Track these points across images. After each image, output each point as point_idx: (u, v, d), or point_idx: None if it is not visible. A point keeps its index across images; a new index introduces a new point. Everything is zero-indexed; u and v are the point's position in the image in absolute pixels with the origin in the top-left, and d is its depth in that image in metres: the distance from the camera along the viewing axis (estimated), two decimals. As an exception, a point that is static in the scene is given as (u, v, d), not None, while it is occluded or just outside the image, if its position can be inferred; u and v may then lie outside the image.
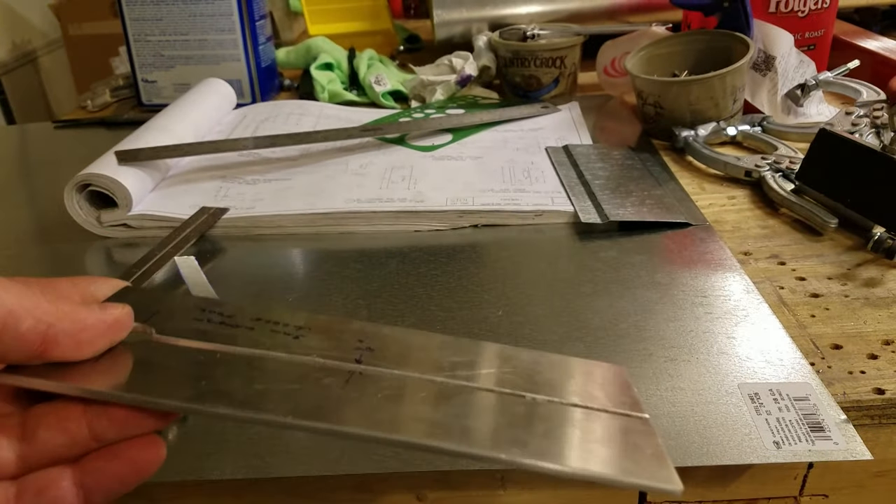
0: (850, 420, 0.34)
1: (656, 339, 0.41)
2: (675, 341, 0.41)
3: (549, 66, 0.83)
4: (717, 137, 0.68)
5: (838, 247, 0.51)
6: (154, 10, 0.84)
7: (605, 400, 0.24)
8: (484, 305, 0.45)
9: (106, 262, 0.55)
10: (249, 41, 0.85)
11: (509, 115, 0.77)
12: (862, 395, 0.36)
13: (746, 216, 0.56)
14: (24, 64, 1.93)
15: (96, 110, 0.93)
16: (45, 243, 0.58)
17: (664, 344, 0.41)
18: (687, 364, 0.39)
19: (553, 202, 0.57)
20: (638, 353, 0.40)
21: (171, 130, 0.66)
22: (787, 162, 0.59)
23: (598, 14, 0.95)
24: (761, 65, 0.71)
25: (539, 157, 0.66)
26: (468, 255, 0.52)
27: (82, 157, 0.61)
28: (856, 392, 0.37)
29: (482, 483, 0.35)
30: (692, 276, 0.47)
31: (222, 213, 0.57)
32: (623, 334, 0.42)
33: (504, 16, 0.95)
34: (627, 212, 0.55)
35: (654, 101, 0.69)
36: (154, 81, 0.88)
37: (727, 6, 0.70)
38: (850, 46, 0.87)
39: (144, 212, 0.57)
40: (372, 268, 0.51)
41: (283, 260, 0.53)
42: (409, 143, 0.71)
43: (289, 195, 0.60)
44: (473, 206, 0.57)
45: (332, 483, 0.35)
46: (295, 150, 0.69)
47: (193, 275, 0.48)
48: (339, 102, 0.87)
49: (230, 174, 0.65)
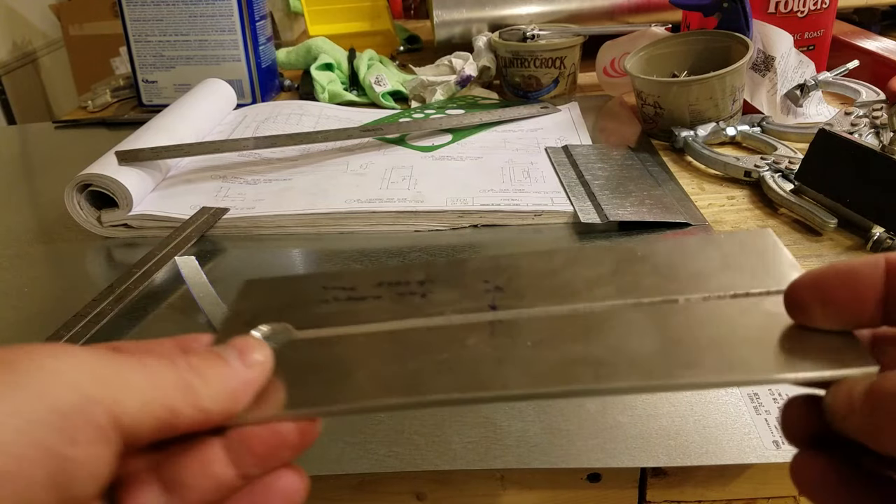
0: (849, 420, 0.34)
1: (656, 339, 0.41)
2: (675, 341, 0.41)
3: (549, 66, 0.83)
4: (716, 138, 0.68)
5: (838, 247, 0.51)
6: (154, 10, 0.84)
7: (759, 279, 0.21)
8: (484, 305, 0.45)
9: (106, 262, 0.55)
10: (250, 41, 0.85)
11: (509, 116, 0.77)
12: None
13: (746, 216, 0.56)
14: (24, 64, 1.93)
15: (97, 110, 0.93)
16: (45, 243, 0.58)
17: (664, 344, 0.41)
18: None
19: (553, 202, 0.57)
20: (637, 352, 0.40)
21: (172, 131, 0.66)
22: (787, 162, 0.59)
23: (598, 14, 0.95)
24: (761, 65, 0.71)
25: (539, 158, 0.66)
26: (468, 255, 0.52)
27: (82, 157, 0.61)
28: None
29: (482, 483, 0.35)
30: (692, 276, 0.47)
31: (222, 213, 0.57)
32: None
33: (504, 16, 0.95)
34: (627, 212, 0.55)
35: (653, 102, 0.69)
36: (154, 82, 0.88)
37: (727, 6, 0.70)
38: (849, 47, 0.87)
39: (145, 212, 0.57)
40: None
41: (284, 260, 0.53)
42: (409, 144, 0.71)
43: (289, 195, 0.60)
44: (473, 206, 0.57)
45: (332, 483, 0.35)
46: (295, 151, 0.69)
47: (194, 275, 0.48)
48: (339, 103, 0.87)
49: (230, 174, 0.65)
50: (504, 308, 0.22)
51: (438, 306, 0.23)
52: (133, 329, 0.45)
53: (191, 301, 0.46)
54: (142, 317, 0.47)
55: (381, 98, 0.85)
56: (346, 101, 0.87)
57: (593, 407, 0.36)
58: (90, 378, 0.18)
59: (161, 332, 0.45)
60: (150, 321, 0.46)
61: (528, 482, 0.35)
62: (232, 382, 0.21)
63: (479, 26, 0.96)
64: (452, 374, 0.20)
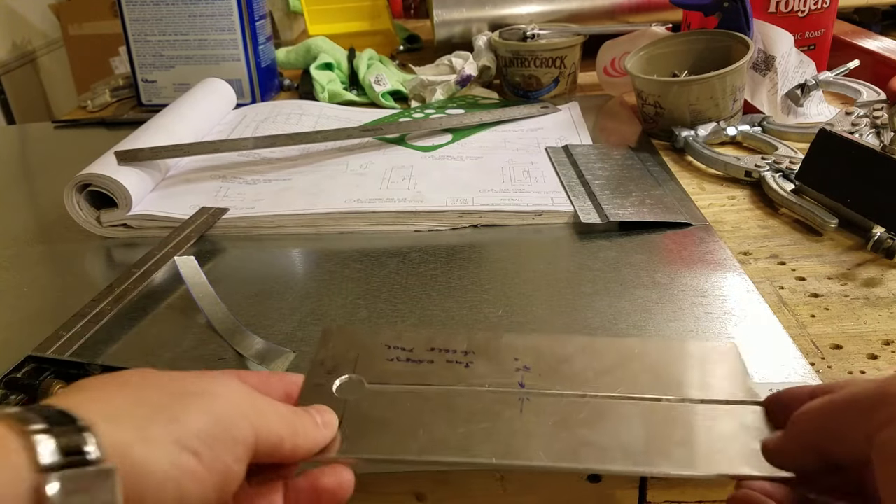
0: (850, 420, 0.34)
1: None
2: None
3: (549, 66, 0.83)
4: (717, 137, 0.68)
5: (838, 247, 0.51)
6: (154, 10, 0.84)
7: (724, 389, 0.28)
8: (484, 305, 0.45)
9: (106, 262, 0.55)
10: (249, 41, 0.85)
11: (509, 115, 0.77)
12: (862, 395, 0.36)
13: (746, 216, 0.56)
14: (24, 64, 1.93)
15: (96, 110, 0.93)
16: (45, 243, 0.58)
17: (664, 344, 0.41)
18: (687, 364, 0.39)
19: (553, 202, 0.57)
20: (638, 353, 0.40)
21: (171, 130, 0.66)
22: (787, 162, 0.59)
23: (598, 14, 0.95)
24: (761, 65, 0.71)
25: (539, 157, 0.66)
26: (468, 255, 0.52)
27: (82, 157, 0.61)
28: (856, 392, 0.37)
29: (482, 483, 0.35)
30: (692, 276, 0.47)
31: (222, 213, 0.57)
32: (623, 334, 0.42)
33: (504, 16, 0.95)
34: (627, 212, 0.55)
35: (654, 101, 0.69)
36: (154, 81, 0.88)
37: (727, 6, 0.70)
38: (849, 46, 0.87)
39: (144, 212, 0.57)
40: (372, 268, 0.51)
41: (283, 260, 0.53)
42: (409, 144, 0.71)
43: (289, 195, 0.60)
44: (473, 206, 0.57)
45: (332, 483, 0.35)
46: (295, 150, 0.69)
47: (193, 275, 0.48)
48: (339, 102, 0.87)
49: (230, 174, 0.65)
50: (530, 387, 0.29)
51: (479, 377, 0.29)
52: (133, 329, 0.45)
53: (190, 301, 0.46)
54: (141, 317, 0.46)
55: (380, 98, 0.85)
56: (346, 101, 0.87)
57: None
58: (248, 403, 0.25)
59: (161, 332, 0.45)
60: (149, 321, 0.46)
61: (527, 482, 0.35)
62: (316, 435, 0.27)
63: (479, 26, 0.96)
64: (492, 443, 0.26)
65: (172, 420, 0.22)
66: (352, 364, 0.29)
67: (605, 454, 0.26)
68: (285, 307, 0.47)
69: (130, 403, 0.23)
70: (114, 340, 0.44)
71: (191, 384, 0.25)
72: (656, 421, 0.27)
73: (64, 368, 0.38)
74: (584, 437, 0.26)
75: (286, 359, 0.41)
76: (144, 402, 0.23)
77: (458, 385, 0.29)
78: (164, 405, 0.23)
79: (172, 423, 0.22)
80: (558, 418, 0.27)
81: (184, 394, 0.24)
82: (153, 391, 0.24)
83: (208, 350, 0.43)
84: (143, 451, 0.21)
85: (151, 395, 0.23)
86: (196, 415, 0.23)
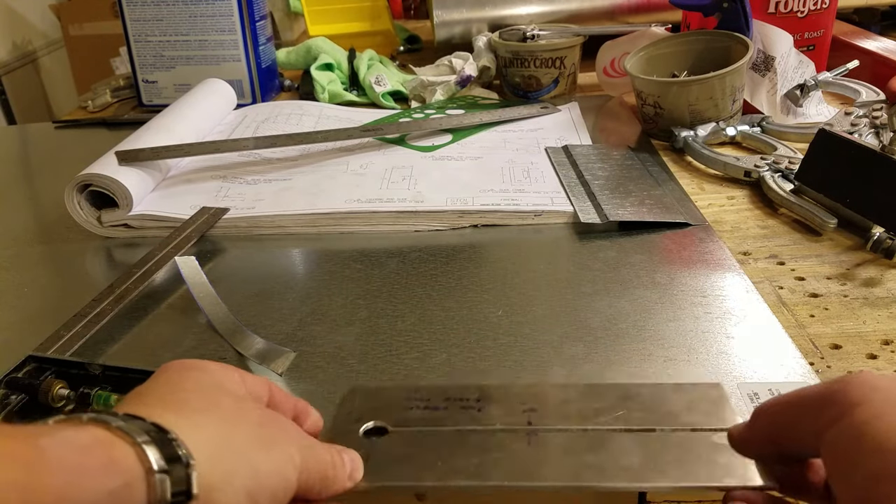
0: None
1: (656, 339, 0.41)
2: (675, 341, 0.41)
3: (549, 66, 0.83)
4: (716, 138, 0.68)
5: (837, 247, 0.51)
6: (154, 10, 0.84)
7: (712, 419, 0.31)
8: (484, 305, 0.45)
9: (106, 262, 0.55)
10: (250, 42, 0.85)
11: (509, 116, 0.77)
12: (861, 394, 0.36)
13: (746, 216, 0.56)
14: (24, 64, 1.93)
15: (97, 110, 0.93)
16: (45, 243, 0.58)
17: (663, 344, 0.41)
18: (686, 364, 0.39)
19: (553, 202, 0.57)
20: (637, 353, 0.40)
21: (172, 131, 0.66)
22: (787, 162, 0.59)
23: (598, 14, 0.95)
24: (760, 65, 0.71)
25: (539, 158, 0.66)
26: (468, 255, 0.52)
27: (82, 157, 0.61)
28: (855, 392, 0.37)
29: (482, 482, 0.35)
30: (691, 276, 0.48)
31: (222, 214, 0.57)
32: (622, 334, 0.42)
33: (504, 16, 0.95)
34: (627, 212, 0.55)
35: (653, 102, 0.69)
36: (154, 82, 0.88)
37: (727, 6, 0.70)
38: (849, 47, 0.87)
39: (145, 212, 0.57)
40: (372, 268, 0.51)
41: (283, 260, 0.53)
42: (409, 144, 0.71)
43: (289, 195, 0.60)
44: (473, 206, 0.57)
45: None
46: (295, 151, 0.69)
47: (193, 275, 0.48)
48: (339, 103, 0.87)
49: (230, 174, 0.65)
50: (537, 424, 0.32)
51: (491, 418, 0.32)
52: (133, 329, 0.45)
53: (191, 301, 0.47)
54: (142, 317, 0.47)
55: (381, 98, 0.85)
56: (346, 101, 0.87)
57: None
58: (301, 456, 0.27)
59: (162, 331, 0.45)
60: (149, 321, 0.46)
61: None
62: (344, 478, 0.29)
63: (479, 26, 0.96)
64: (503, 469, 0.29)
65: (253, 475, 0.25)
66: (375, 412, 0.33)
67: (605, 474, 0.29)
68: (286, 307, 0.47)
69: (222, 439, 0.25)
70: (114, 340, 0.44)
71: (268, 426, 0.28)
72: (651, 446, 0.30)
73: (65, 368, 0.38)
74: (586, 461, 0.29)
75: (286, 359, 0.41)
76: (233, 445, 0.26)
77: (472, 425, 0.32)
78: (247, 454, 0.26)
79: (252, 479, 0.25)
80: (563, 448, 0.30)
81: (262, 442, 0.26)
82: (241, 430, 0.26)
83: (209, 350, 0.43)
84: (221, 498, 0.24)
85: (239, 436, 0.26)
86: (268, 471, 0.26)
